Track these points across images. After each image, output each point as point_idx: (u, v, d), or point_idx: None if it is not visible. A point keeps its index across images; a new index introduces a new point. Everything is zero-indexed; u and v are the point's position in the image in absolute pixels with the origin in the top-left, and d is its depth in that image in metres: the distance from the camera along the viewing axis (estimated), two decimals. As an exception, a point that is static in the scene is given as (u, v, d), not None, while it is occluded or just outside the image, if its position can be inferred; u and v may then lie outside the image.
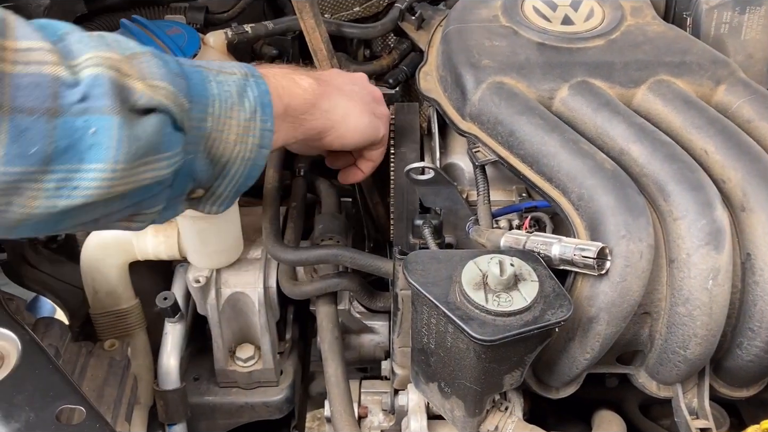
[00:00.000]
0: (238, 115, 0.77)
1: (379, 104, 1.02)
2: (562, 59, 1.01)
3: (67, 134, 0.61)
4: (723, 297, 0.81)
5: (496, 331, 0.73)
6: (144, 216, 0.74)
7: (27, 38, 0.61)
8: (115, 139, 0.63)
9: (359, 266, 1.00)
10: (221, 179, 0.79)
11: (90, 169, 0.62)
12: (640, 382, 0.95)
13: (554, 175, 0.89)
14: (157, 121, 0.68)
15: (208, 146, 0.75)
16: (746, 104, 0.95)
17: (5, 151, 0.58)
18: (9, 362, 0.77)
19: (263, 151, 0.80)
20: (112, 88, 0.63)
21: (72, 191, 0.62)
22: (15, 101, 0.58)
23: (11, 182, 0.59)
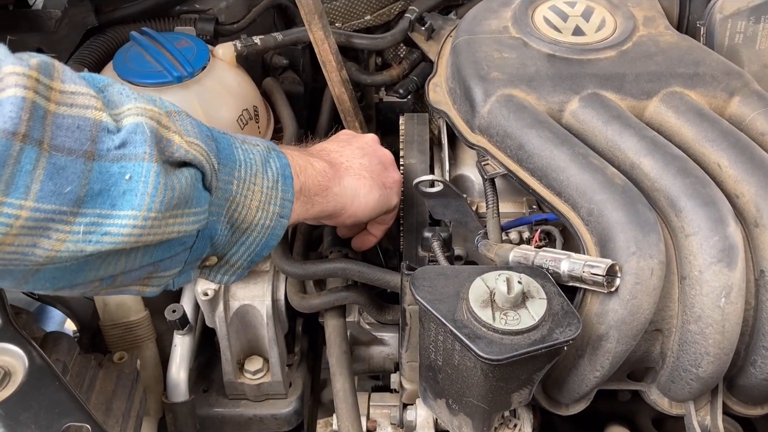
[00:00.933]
0: (262, 183, 0.78)
1: (390, 171, 1.00)
2: (573, 71, 1.00)
3: (102, 178, 0.61)
4: (736, 315, 0.80)
5: (504, 350, 0.72)
6: (160, 279, 0.74)
7: (73, 82, 0.62)
8: (152, 185, 0.63)
9: (367, 280, 0.99)
10: (238, 246, 0.79)
11: (122, 215, 0.62)
12: (652, 399, 0.94)
13: (564, 190, 0.88)
14: (190, 175, 0.69)
15: (231, 210, 0.76)
16: (760, 116, 0.94)
17: (40, 186, 0.58)
18: (15, 379, 0.77)
19: (283, 221, 0.81)
20: (151, 137, 0.64)
21: (101, 236, 0.62)
22: (55, 140, 0.59)
23: (41, 220, 0.59)
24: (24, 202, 0.57)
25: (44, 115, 0.59)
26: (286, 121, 1.23)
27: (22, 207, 0.57)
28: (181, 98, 1.08)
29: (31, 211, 0.58)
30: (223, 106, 1.11)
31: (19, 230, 0.58)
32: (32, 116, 0.57)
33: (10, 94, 0.57)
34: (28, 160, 0.57)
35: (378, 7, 1.46)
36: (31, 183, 0.58)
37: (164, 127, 0.67)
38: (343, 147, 0.98)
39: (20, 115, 0.56)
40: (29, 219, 0.58)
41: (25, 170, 0.57)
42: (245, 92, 1.17)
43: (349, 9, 1.45)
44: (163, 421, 1.13)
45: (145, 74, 1.06)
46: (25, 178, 0.57)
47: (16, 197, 0.57)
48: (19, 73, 0.58)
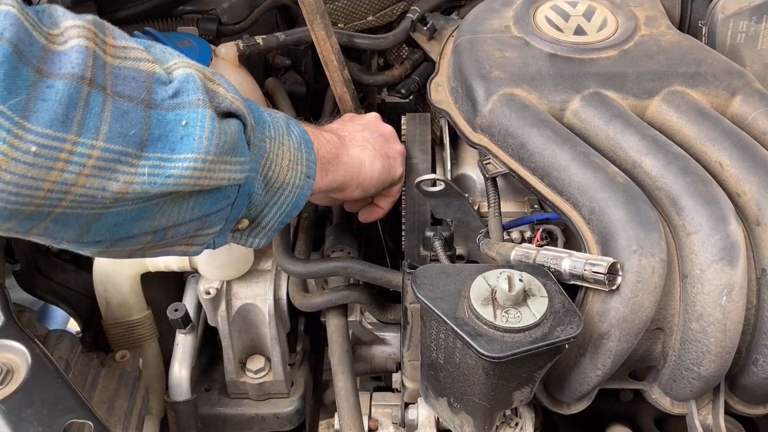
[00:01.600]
0: (289, 144, 0.82)
1: (392, 143, 1.04)
2: (574, 70, 1.00)
3: (160, 125, 0.64)
4: (737, 313, 0.80)
5: (505, 347, 0.72)
6: (204, 237, 0.76)
7: (123, 39, 0.66)
8: (207, 130, 0.66)
9: (369, 279, 1.00)
10: (270, 207, 0.81)
11: (182, 159, 0.65)
12: (654, 399, 0.94)
13: (565, 189, 0.88)
14: (236, 123, 0.72)
15: (266, 168, 0.78)
16: (762, 115, 0.94)
17: (108, 128, 0.60)
18: (18, 376, 0.78)
19: (309, 181, 0.84)
20: (202, 86, 0.68)
21: (166, 179, 0.64)
22: (116, 87, 0.62)
23: (110, 160, 0.61)
24: (95, 142, 0.60)
25: (103, 64, 0.61)
26: (288, 120, 1.23)
27: (94, 147, 0.60)
28: (184, 98, 1.08)
29: (102, 150, 0.60)
30: (226, 106, 1.11)
31: (91, 170, 0.60)
32: (95, 63, 0.60)
33: (74, 43, 0.59)
34: (96, 103, 0.60)
35: (380, 7, 1.46)
36: (101, 124, 0.60)
37: (210, 80, 0.70)
38: (344, 123, 1.02)
39: (86, 61, 0.59)
40: (100, 159, 0.60)
41: (94, 112, 0.60)
42: (247, 92, 1.17)
43: (352, 10, 1.45)
44: (165, 420, 1.13)
45: (148, 74, 1.06)
46: (95, 120, 0.60)
47: (88, 137, 0.59)
48: (79, 26, 0.60)
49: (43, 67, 0.58)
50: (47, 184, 0.59)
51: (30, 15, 0.58)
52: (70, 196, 0.61)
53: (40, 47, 0.58)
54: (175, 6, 1.28)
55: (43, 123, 0.57)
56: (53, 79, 0.58)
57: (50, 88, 0.57)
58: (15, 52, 0.55)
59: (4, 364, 0.78)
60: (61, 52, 0.59)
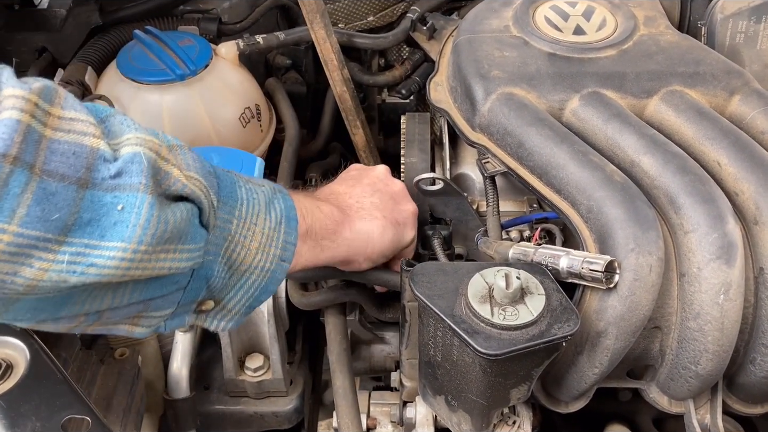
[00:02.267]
0: (264, 224, 0.76)
1: (402, 204, 0.97)
2: (573, 70, 1.00)
3: (93, 207, 0.60)
4: (735, 312, 0.80)
5: (502, 345, 0.72)
6: (150, 319, 0.71)
7: (74, 109, 0.61)
8: (144, 217, 0.61)
9: (368, 279, 0.99)
10: (236, 290, 0.76)
11: (110, 247, 0.60)
12: (652, 397, 0.94)
13: (563, 187, 0.88)
14: (187, 209, 0.66)
15: (230, 251, 0.73)
16: (760, 115, 0.94)
17: (26, 212, 0.56)
18: (17, 371, 0.78)
19: (284, 264, 0.78)
20: (148, 168, 0.62)
21: (87, 267, 0.60)
22: (48, 165, 0.58)
23: (24, 246, 0.57)
24: (7, 226, 0.56)
25: (39, 139, 0.57)
26: (288, 120, 1.24)
27: (5, 231, 0.56)
28: (184, 96, 1.08)
29: (14, 235, 0.56)
30: (226, 104, 1.12)
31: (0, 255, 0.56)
32: (25, 139, 0.56)
33: (5, 116, 0.56)
34: (17, 183, 0.56)
35: (381, 8, 1.47)
36: (17, 207, 0.56)
37: (163, 159, 0.65)
38: (352, 187, 0.96)
39: (13, 137, 0.55)
40: (11, 244, 0.56)
41: (12, 193, 0.55)
42: (247, 90, 1.17)
43: (352, 10, 1.45)
44: (164, 418, 1.13)
45: (149, 72, 1.07)
46: (12, 202, 0.55)
47: (0, 221, 0.55)
48: (18, 96, 0.57)
49: None
50: None
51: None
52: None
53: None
54: (175, 5, 1.29)
55: None
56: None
57: None
58: None
59: (3, 359, 0.78)
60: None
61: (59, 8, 1.19)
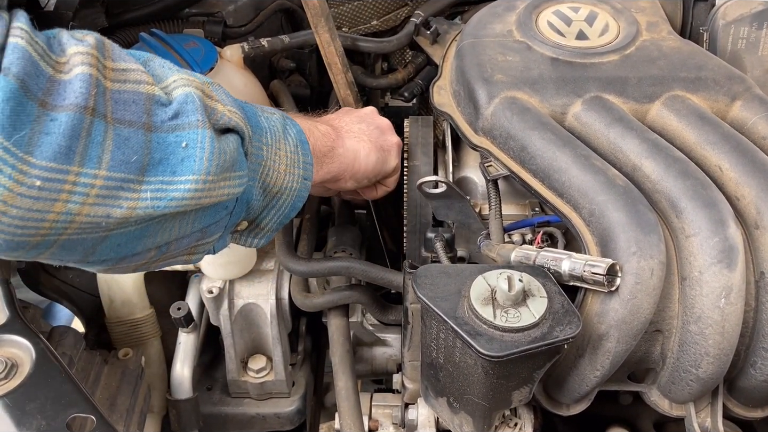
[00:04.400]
0: (285, 148, 0.83)
1: (388, 135, 1.05)
2: (576, 74, 1.01)
3: (160, 148, 0.65)
4: (735, 316, 0.80)
5: (504, 347, 0.72)
6: (204, 245, 0.77)
7: (123, 60, 0.66)
8: (208, 151, 0.67)
9: (370, 279, 1.00)
10: (268, 210, 0.83)
11: (183, 181, 0.66)
12: (653, 401, 0.94)
13: (565, 191, 0.88)
14: (234, 139, 0.73)
15: (264, 175, 0.79)
16: (762, 120, 0.95)
17: (111, 156, 0.62)
18: (23, 370, 0.79)
19: (306, 182, 0.85)
20: (201, 106, 0.68)
21: (168, 201, 0.66)
22: (116, 113, 0.63)
23: (113, 188, 0.62)
24: (98, 172, 0.61)
25: (104, 91, 0.62)
26: (292, 123, 1.24)
27: (96, 176, 0.61)
28: (189, 99, 1.09)
29: (104, 179, 0.61)
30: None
31: (94, 199, 0.61)
32: (97, 92, 0.61)
33: (77, 72, 0.60)
34: (98, 132, 0.61)
35: (384, 12, 1.48)
36: (103, 153, 0.61)
37: (208, 96, 0.71)
38: (341, 115, 1.04)
39: (89, 90, 0.60)
40: (103, 187, 0.61)
41: (96, 141, 0.60)
42: (252, 93, 1.18)
43: (356, 14, 1.46)
44: (166, 418, 1.14)
45: (154, 74, 1.07)
46: (97, 149, 0.61)
47: (90, 167, 0.60)
48: (83, 53, 0.61)
49: (47, 100, 0.58)
50: (52, 215, 0.60)
51: (39, 44, 0.59)
52: (75, 224, 0.62)
53: (46, 78, 0.59)
54: (181, 8, 1.29)
55: (47, 157, 0.58)
56: (57, 112, 0.59)
57: (53, 122, 0.58)
58: (21, 87, 0.56)
59: (9, 358, 0.79)
60: (66, 81, 0.60)
61: (66, 10, 1.19)
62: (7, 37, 0.57)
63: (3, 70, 0.56)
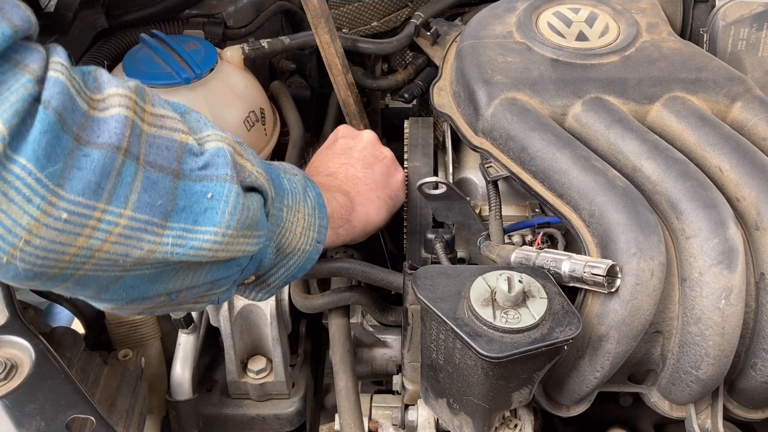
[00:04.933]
0: (304, 210, 0.84)
1: (393, 173, 1.06)
2: (576, 75, 1.01)
3: (185, 195, 0.66)
4: (736, 317, 0.80)
5: (504, 348, 0.72)
6: (210, 296, 0.78)
7: (162, 107, 0.68)
8: (231, 205, 0.68)
9: (370, 280, 1.00)
10: (278, 269, 0.84)
11: (204, 231, 0.67)
12: (653, 402, 0.94)
13: (565, 192, 0.88)
14: (258, 198, 0.74)
15: (280, 236, 0.81)
16: (762, 122, 0.94)
17: (138, 198, 0.62)
18: (22, 371, 0.79)
19: (319, 246, 0.87)
20: (231, 161, 0.70)
21: (188, 249, 0.66)
22: (149, 156, 0.64)
23: (136, 229, 0.63)
24: (123, 211, 0.62)
25: (140, 133, 0.63)
26: (293, 123, 1.24)
27: (122, 215, 0.62)
28: (189, 99, 1.09)
29: (129, 219, 0.62)
30: (230, 108, 1.12)
31: (117, 237, 0.62)
32: (132, 133, 0.62)
33: (114, 112, 0.61)
34: (129, 173, 0.62)
35: (385, 13, 1.48)
36: (130, 194, 0.62)
37: (239, 154, 0.73)
38: (345, 165, 1.03)
39: (124, 131, 0.61)
40: (126, 227, 0.62)
41: (125, 182, 0.61)
42: (252, 94, 1.18)
43: (357, 15, 1.46)
44: (166, 419, 1.14)
45: (154, 75, 1.08)
46: (125, 189, 0.62)
47: (117, 206, 0.61)
48: (122, 95, 0.62)
49: (82, 135, 0.59)
50: (73, 249, 0.60)
51: (76, 79, 0.60)
52: (93, 260, 0.62)
53: (81, 113, 0.60)
54: (181, 10, 1.30)
55: (76, 191, 0.59)
56: (90, 148, 0.59)
57: (86, 157, 0.59)
58: (59, 120, 0.57)
59: (8, 359, 0.79)
60: (101, 119, 0.61)
61: (66, 11, 1.19)
62: (47, 70, 0.58)
63: (43, 102, 0.57)
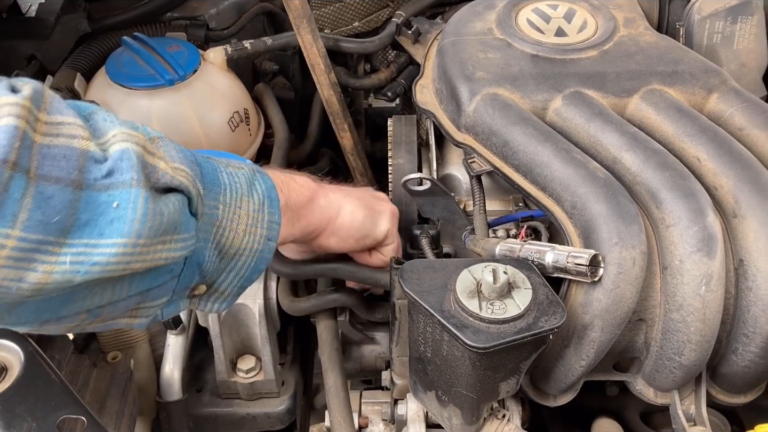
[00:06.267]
0: (248, 206, 0.77)
1: (383, 202, 1.01)
2: (556, 70, 1.02)
3: (89, 208, 0.60)
4: (716, 303, 0.82)
5: (490, 338, 0.73)
6: (148, 309, 0.72)
7: (60, 113, 0.61)
8: (140, 212, 0.62)
9: (358, 279, 1.01)
10: (227, 273, 0.78)
11: (110, 244, 0.61)
12: (638, 390, 0.96)
13: (548, 184, 0.90)
14: (177, 200, 0.67)
15: (218, 236, 0.74)
16: (738, 112, 0.97)
17: (28, 216, 0.56)
18: (12, 373, 0.79)
19: (270, 243, 0.80)
20: (138, 163, 0.63)
21: (90, 267, 0.60)
22: (41, 169, 0.58)
23: (27, 250, 0.57)
24: (11, 231, 0.56)
25: (31, 144, 0.57)
26: (277, 124, 1.25)
27: (9, 236, 0.56)
28: (173, 101, 1.10)
29: (18, 240, 0.56)
30: (215, 108, 1.13)
31: (4, 261, 0.56)
32: (22, 145, 0.56)
33: (3, 123, 0.56)
34: (17, 188, 0.56)
35: (366, 13, 1.49)
36: (19, 211, 0.56)
37: (149, 153, 0.66)
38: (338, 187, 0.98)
39: (12, 143, 0.55)
40: (15, 249, 0.56)
41: (13, 198, 0.55)
42: (236, 95, 1.19)
43: (338, 16, 1.47)
44: (156, 421, 1.14)
45: (138, 78, 1.08)
46: (13, 207, 0.56)
47: (3, 226, 0.55)
48: (12, 103, 0.57)
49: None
50: None
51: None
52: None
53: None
54: (163, 12, 1.30)
55: None
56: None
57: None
58: None
59: (-2, 362, 0.79)
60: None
61: (47, 16, 1.19)
62: None
63: None
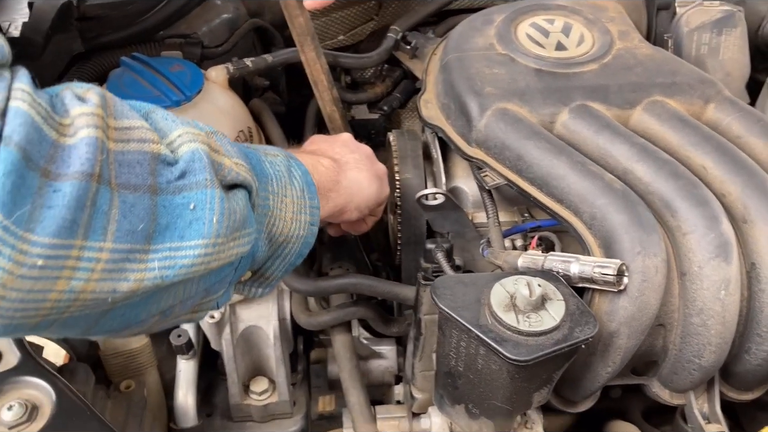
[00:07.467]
0: (292, 194, 0.79)
1: (376, 163, 1.03)
2: (560, 84, 1.05)
3: (166, 212, 0.60)
4: (734, 306, 0.85)
5: (530, 351, 0.75)
6: (208, 303, 0.73)
7: (126, 117, 0.61)
8: (217, 212, 0.63)
9: (379, 294, 1.01)
10: (274, 259, 0.79)
11: (192, 246, 0.61)
12: (654, 392, 0.98)
13: (565, 197, 0.92)
14: (243, 196, 0.68)
15: (270, 225, 0.76)
16: (735, 121, 1.01)
17: (116, 227, 0.57)
18: (44, 411, 0.76)
19: (313, 228, 0.82)
20: (209, 163, 0.64)
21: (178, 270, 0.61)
22: (120, 177, 0.58)
23: (120, 260, 0.57)
24: (103, 244, 0.56)
25: (108, 153, 0.57)
26: (277, 140, 1.24)
27: (102, 249, 0.56)
28: (178, 122, 1.07)
29: (110, 252, 0.56)
30: (221, 129, 1.09)
31: (100, 274, 0.56)
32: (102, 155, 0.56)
33: (83, 135, 0.55)
34: (104, 201, 0.56)
35: (351, 26, 1.50)
36: (108, 224, 0.56)
37: (215, 151, 0.66)
38: (330, 145, 1.00)
39: (96, 155, 0.55)
40: (109, 261, 0.57)
41: (101, 211, 0.56)
42: (239, 114, 1.18)
43: (324, 29, 1.47)
44: (168, 447, 1.11)
45: (143, 99, 1.05)
46: (102, 220, 0.56)
47: (96, 240, 0.55)
48: (88, 113, 0.56)
49: (51, 168, 0.53)
50: (54, 294, 0.55)
51: (42, 105, 0.54)
52: (79, 302, 0.57)
53: (50, 144, 0.54)
54: (157, 31, 1.28)
55: (50, 233, 0.53)
56: (61, 181, 0.53)
57: (57, 193, 0.53)
58: (23, 157, 0.51)
59: (28, 400, 0.76)
60: (71, 146, 0.55)
61: (34, 36, 1.16)
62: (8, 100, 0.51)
63: (4, 139, 0.50)
